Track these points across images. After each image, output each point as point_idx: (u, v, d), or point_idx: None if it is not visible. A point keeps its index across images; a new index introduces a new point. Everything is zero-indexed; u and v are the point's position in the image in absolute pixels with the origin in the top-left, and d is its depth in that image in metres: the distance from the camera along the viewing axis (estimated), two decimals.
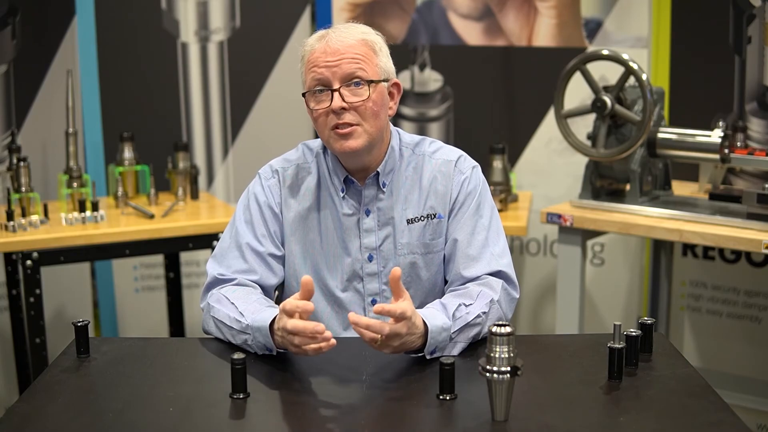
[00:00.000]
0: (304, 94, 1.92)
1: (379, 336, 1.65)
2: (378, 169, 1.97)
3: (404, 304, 1.68)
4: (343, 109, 1.87)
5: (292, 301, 1.68)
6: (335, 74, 1.88)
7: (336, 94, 1.87)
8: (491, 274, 1.93)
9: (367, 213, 1.98)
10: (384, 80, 1.93)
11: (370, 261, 1.99)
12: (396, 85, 1.98)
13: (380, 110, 1.92)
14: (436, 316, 1.76)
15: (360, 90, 1.88)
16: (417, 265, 1.99)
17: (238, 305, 1.83)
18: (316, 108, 1.90)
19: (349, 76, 1.88)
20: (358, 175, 1.98)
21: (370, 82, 1.89)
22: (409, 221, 1.99)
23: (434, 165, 2.01)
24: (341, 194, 1.98)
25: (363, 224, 1.98)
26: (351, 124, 1.88)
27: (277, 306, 1.83)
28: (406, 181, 2.00)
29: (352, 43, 1.89)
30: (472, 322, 1.80)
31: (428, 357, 1.74)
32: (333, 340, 1.66)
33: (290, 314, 1.68)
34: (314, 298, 1.99)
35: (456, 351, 1.78)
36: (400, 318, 1.66)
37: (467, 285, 1.92)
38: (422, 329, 1.72)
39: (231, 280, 1.95)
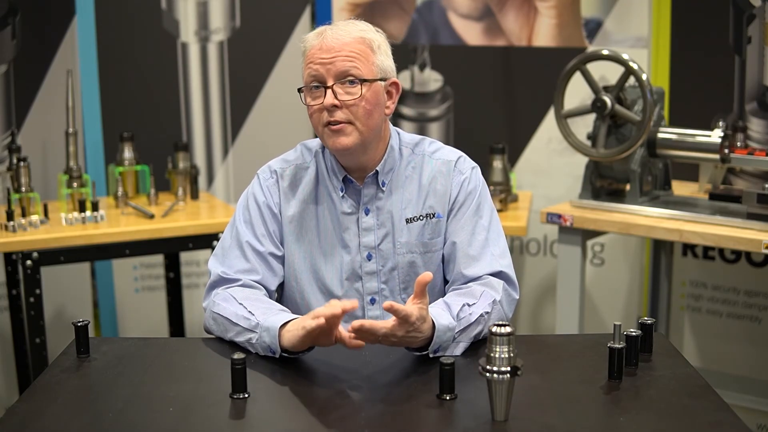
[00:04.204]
0: (300, 89, 1.93)
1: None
2: (377, 168, 1.98)
3: (413, 308, 1.66)
4: (335, 106, 1.88)
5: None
6: (329, 71, 1.88)
7: (329, 91, 1.88)
8: (492, 275, 1.94)
9: (366, 212, 1.99)
10: (381, 79, 1.92)
11: (369, 260, 1.99)
12: (395, 84, 1.98)
13: (374, 109, 1.91)
14: (441, 315, 1.76)
15: (353, 89, 1.89)
16: (416, 264, 1.99)
17: (246, 305, 1.84)
18: (311, 104, 1.91)
19: (342, 74, 1.88)
20: (356, 174, 1.98)
21: (363, 80, 1.89)
22: (408, 220, 1.99)
23: (434, 165, 2.01)
24: (340, 193, 1.98)
25: (362, 223, 1.98)
26: (342, 122, 1.89)
27: (287, 310, 1.84)
28: (405, 180, 2.00)
29: (348, 40, 1.90)
30: (475, 321, 1.80)
31: (431, 356, 1.74)
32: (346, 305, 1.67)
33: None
34: (313, 297, 2.00)
35: (458, 351, 1.78)
36: (402, 320, 1.66)
37: (470, 284, 1.92)
38: (428, 333, 1.72)
39: (236, 281, 1.94)
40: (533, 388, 1.61)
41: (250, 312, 1.81)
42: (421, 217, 1.99)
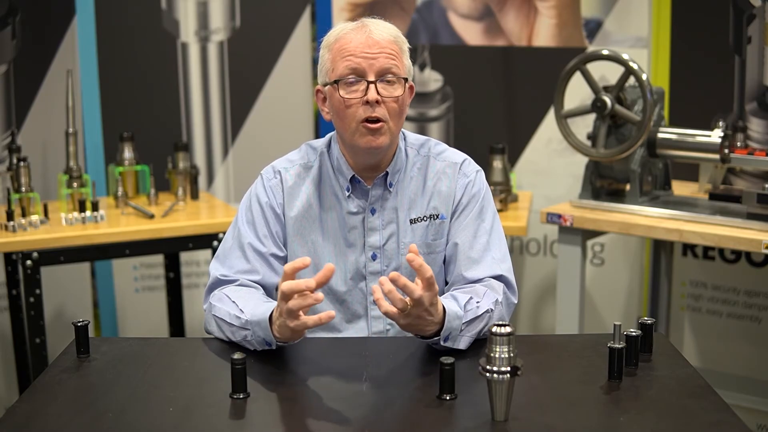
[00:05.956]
0: (336, 82, 1.89)
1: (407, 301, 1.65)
2: (387, 169, 1.98)
3: (425, 293, 1.67)
4: (377, 102, 1.87)
5: (297, 283, 1.64)
6: (372, 66, 1.87)
7: (372, 86, 1.87)
8: (492, 278, 1.94)
9: (373, 212, 1.99)
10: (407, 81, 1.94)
11: (374, 260, 1.99)
12: (411, 87, 1.99)
13: (404, 110, 1.93)
14: (451, 303, 1.77)
15: (392, 87, 1.89)
16: None
17: (238, 303, 1.84)
18: (347, 97, 1.88)
19: (385, 70, 1.88)
20: (364, 174, 1.98)
21: (405, 79, 1.90)
22: (413, 221, 1.99)
23: (439, 166, 2.01)
24: (347, 193, 1.98)
25: (368, 223, 1.98)
26: (380, 120, 1.88)
27: (270, 300, 1.83)
28: (411, 181, 2.01)
29: (389, 38, 1.90)
30: (480, 316, 1.81)
31: (442, 343, 1.74)
32: (320, 295, 1.64)
33: (289, 298, 1.66)
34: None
35: (462, 345, 1.77)
36: (416, 302, 1.66)
37: (473, 285, 1.92)
38: (439, 318, 1.73)
39: (233, 281, 1.95)
40: (533, 388, 1.61)
41: (240, 310, 1.81)
42: (425, 218, 1.99)
